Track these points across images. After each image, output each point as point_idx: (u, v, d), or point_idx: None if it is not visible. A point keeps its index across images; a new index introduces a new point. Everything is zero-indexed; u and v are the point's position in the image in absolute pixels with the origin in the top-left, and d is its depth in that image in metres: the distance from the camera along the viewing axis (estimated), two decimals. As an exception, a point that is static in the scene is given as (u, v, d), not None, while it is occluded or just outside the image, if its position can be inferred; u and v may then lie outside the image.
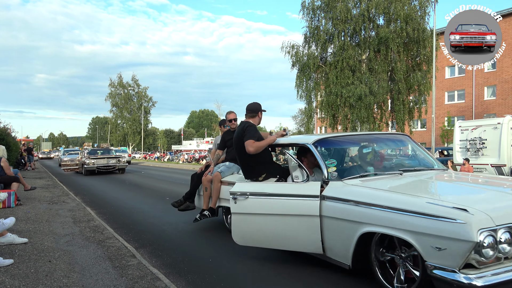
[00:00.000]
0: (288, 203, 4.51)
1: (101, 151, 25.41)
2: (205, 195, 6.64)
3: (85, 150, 25.75)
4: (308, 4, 26.97)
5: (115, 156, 24.92)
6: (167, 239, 6.66)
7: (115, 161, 23.87)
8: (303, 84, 27.54)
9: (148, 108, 69.20)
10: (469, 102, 38.89)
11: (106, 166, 23.28)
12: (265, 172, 5.29)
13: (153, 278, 4.38)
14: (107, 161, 23.38)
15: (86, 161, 22.54)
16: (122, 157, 24.93)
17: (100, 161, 23.09)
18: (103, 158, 23.49)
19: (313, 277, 4.50)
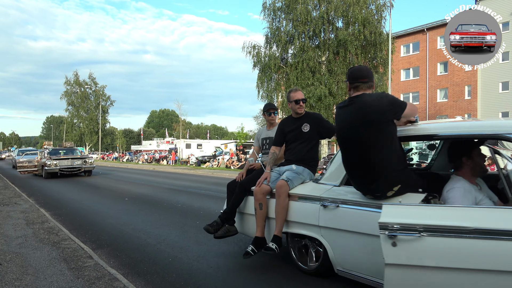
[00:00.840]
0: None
1: (63, 151, 22.98)
2: (260, 216, 4.50)
3: (45, 149, 22.95)
4: (269, 5, 27.26)
5: (80, 156, 22.60)
6: (125, 239, 6.54)
7: (81, 162, 21.45)
8: (264, 85, 27.80)
9: (106, 107, 67.53)
10: (423, 104, 40.49)
11: (71, 168, 20.97)
12: (400, 182, 3.33)
13: (111, 278, 4.30)
14: (71, 162, 21.12)
15: (47, 162, 20.13)
16: (88, 157, 22.45)
17: (63, 162, 20.79)
18: (67, 159, 21.16)
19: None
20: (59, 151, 22.88)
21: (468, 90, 37.01)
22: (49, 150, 22.64)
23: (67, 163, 20.89)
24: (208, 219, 7.99)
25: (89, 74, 68.54)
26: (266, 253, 4.34)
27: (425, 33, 40.14)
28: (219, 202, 10.70)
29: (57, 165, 20.34)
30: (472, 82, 36.53)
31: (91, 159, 22.26)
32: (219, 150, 41.44)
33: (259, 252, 4.39)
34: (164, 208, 9.74)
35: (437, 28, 39.40)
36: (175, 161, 41.06)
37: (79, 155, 23.08)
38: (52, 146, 27.22)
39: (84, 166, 21.34)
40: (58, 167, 20.32)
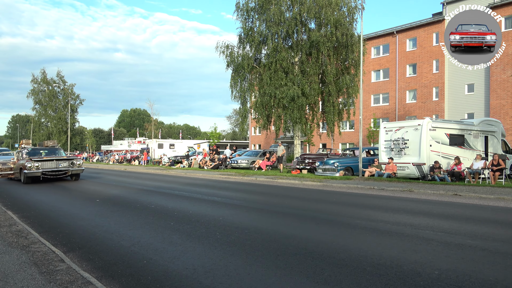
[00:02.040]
0: None
1: (45, 151, 19.86)
2: None
3: (22, 150, 19.78)
4: (243, 5, 27.22)
5: (67, 157, 19.20)
6: (98, 242, 6.41)
7: (67, 164, 18.30)
8: (238, 85, 27.74)
9: (75, 106, 65.91)
10: (392, 105, 41.39)
11: (55, 171, 17.87)
12: None
13: (84, 282, 4.22)
14: (55, 164, 18.02)
15: (27, 164, 17.05)
16: (76, 158, 19.12)
17: (46, 164, 17.74)
18: (51, 160, 18.01)
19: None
20: (39, 151, 19.83)
21: (436, 92, 38.07)
22: (27, 150, 19.63)
23: (51, 165, 17.87)
24: (182, 220, 7.95)
25: (57, 72, 66.75)
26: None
27: (395, 36, 41.04)
28: (193, 203, 10.65)
29: (39, 168, 17.41)
30: (440, 84, 37.60)
31: (79, 160, 19.05)
32: (192, 150, 41.09)
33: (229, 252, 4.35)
34: (137, 209, 9.60)
35: (406, 30, 40.36)
36: (147, 161, 40.48)
37: (65, 156, 19.99)
38: (31, 145, 22.91)
39: (72, 169, 18.33)
40: (40, 170, 17.38)
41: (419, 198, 11.61)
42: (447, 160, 17.49)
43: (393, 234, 6.47)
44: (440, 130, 17.55)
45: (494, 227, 7.26)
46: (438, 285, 4.03)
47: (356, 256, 5.13)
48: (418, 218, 7.95)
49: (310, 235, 6.55)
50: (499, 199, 11.03)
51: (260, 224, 7.68)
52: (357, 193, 13.31)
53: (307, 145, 43.38)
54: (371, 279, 4.25)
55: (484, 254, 5.17)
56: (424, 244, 5.74)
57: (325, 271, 4.57)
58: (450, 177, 16.35)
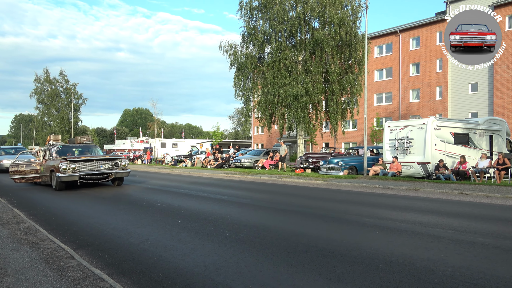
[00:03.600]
0: None
1: (79, 148, 16.23)
2: None
3: (51, 147, 15.81)
4: (246, 4, 27.20)
5: (110, 157, 15.38)
6: (106, 239, 6.39)
7: (110, 165, 14.54)
8: (241, 84, 27.72)
9: (77, 106, 65.91)
10: (395, 104, 41.30)
11: (96, 174, 14.12)
12: None
13: (96, 279, 4.20)
14: (96, 165, 14.24)
15: (62, 166, 13.41)
16: (121, 158, 15.19)
17: (85, 165, 14.06)
18: (90, 160, 14.24)
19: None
20: (72, 149, 16.17)
21: (439, 91, 37.96)
22: (57, 147, 15.70)
23: (90, 167, 14.13)
24: (190, 218, 7.93)
25: (60, 72, 66.77)
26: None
27: (398, 35, 40.95)
28: (199, 201, 10.63)
29: (76, 170, 13.77)
30: (443, 83, 37.50)
31: (124, 160, 15.10)
32: (195, 149, 41.07)
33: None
34: (144, 207, 9.58)
35: (409, 30, 40.26)
36: (150, 160, 40.49)
37: (106, 155, 16.27)
38: (61, 142, 17.94)
39: (115, 171, 14.44)
40: (77, 173, 13.71)
41: (426, 197, 11.57)
42: (452, 159, 17.43)
43: (403, 232, 6.43)
44: (445, 129, 17.49)
45: (504, 225, 7.22)
46: (453, 283, 3.99)
47: (368, 254, 5.10)
48: (426, 216, 7.91)
49: (320, 233, 6.52)
50: (506, 198, 10.98)
51: (268, 222, 7.65)
52: (363, 192, 13.27)
53: (310, 144, 43.36)
54: (384, 276, 4.22)
55: (497, 252, 5.14)
56: (435, 241, 5.71)
57: (337, 269, 4.54)
58: (455, 176, 16.29)
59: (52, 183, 14.15)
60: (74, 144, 16.91)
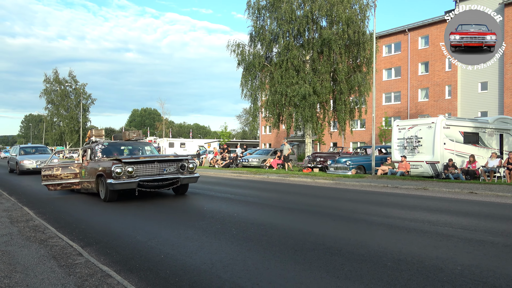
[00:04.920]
0: None
1: (128, 146, 12.95)
2: None
3: (95, 145, 12.30)
4: (254, 4, 27.20)
5: (174, 157, 11.38)
6: (114, 237, 6.42)
7: (176, 168, 10.87)
8: (249, 83, 27.71)
9: (86, 106, 66.45)
10: (404, 104, 41.03)
11: (160, 180, 10.47)
12: None
13: (103, 275, 4.21)
14: (159, 168, 10.60)
15: (115, 169, 9.85)
16: (187, 159, 11.24)
17: (145, 169, 10.40)
18: (151, 162, 10.56)
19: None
20: (120, 147, 12.83)
21: (449, 90, 37.65)
22: (102, 145, 12.34)
23: (151, 171, 10.48)
24: (197, 217, 7.94)
25: (69, 72, 67.32)
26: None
27: (407, 34, 40.67)
28: (207, 200, 10.64)
29: (134, 175, 10.12)
30: (452, 82, 37.18)
31: (192, 162, 11.31)
32: (203, 149, 41.14)
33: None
34: (151, 205, 9.61)
35: (418, 28, 39.98)
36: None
37: (170, 156, 11.87)
38: (103, 137, 14.82)
39: (182, 176, 10.75)
40: (136, 179, 10.08)
41: (435, 196, 11.47)
42: (462, 159, 17.26)
43: (411, 230, 6.38)
44: (454, 128, 17.33)
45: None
46: (462, 281, 3.95)
47: (376, 252, 5.06)
48: (435, 215, 7.83)
49: (327, 231, 6.49)
50: (517, 197, 10.85)
51: (276, 220, 7.63)
52: (371, 191, 13.19)
53: (318, 144, 43.23)
54: (392, 274, 4.19)
55: (508, 251, 5.07)
56: (444, 240, 5.65)
57: (345, 267, 4.51)
58: (465, 176, 16.13)
59: (100, 192, 10.64)
60: (122, 141, 13.34)
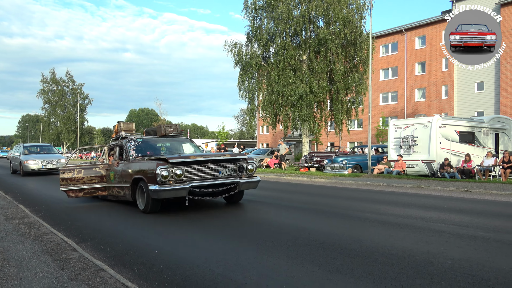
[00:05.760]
0: None
1: (166, 143, 10.65)
2: None
3: (125, 141, 9.95)
4: (251, 4, 27.24)
5: (231, 156, 8.90)
6: (110, 233, 6.45)
7: (233, 170, 8.60)
8: (246, 83, 27.74)
9: (84, 106, 66.34)
10: (401, 103, 41.15)
11: (215, 185, 8.26)
12: None
13: (97, 269, 4.25)
14: (214, 170, 8.26)
15: (161, 171, 7.51)
16: (244, 158, 8.97)
17: (199, 171, 8.07)
18: (204, 162, 8.17)
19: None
20: (156, 144, 10.38)
21: (445, 90, 37.77)
22: (135, 142, 9.91)
23: (204, 174, 8.16)
24: (191, 214, 7.97)
25: (66, 72, 67.16)
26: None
27: (403, 34, 40.79)
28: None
29: (183, 179, 7.82)
30: (449, 82, 37.30)
31: (252, 162, 9.04)
32: (201, 149, 41.23)
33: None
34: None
35: (415, 29, 40.09)
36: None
37: (226, 154, 9.37)
38: (134, 131, 11.78)
39: (241, 180, 8.52)
40: (187, 184, 7.80)
41: (429, 194, 11.53)
42: (457, 158, 17.34)
43: (404, 226, 6.43)
44: (450, 128, 17.41)
45: (507, 220, 7.19)
46: (451, 274, 4.00)
47: (368, 247, 5.11)
48: (429, 212, 7.89)
49: (321, 228, 6.54)
50: (511, 195, 10.92)
51: (270, 217, 7.67)
52: (367, 189, 13.25)
53: (315, 143, 43.31)
54: (383, 268, 4.23)
55: (498, 245, 5.13)
56: (436, 236, 5.70)
57: (336, 261, 4.55)
58: (460, 175, 16.21)
59: (138, 201, 8.37)
60: (159, 137, 10.73)
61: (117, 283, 3.83)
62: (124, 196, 9.02)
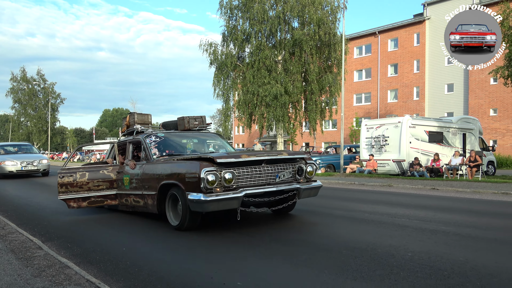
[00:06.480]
0: None
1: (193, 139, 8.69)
2: None
3: (144, 136, 7.72)
4: (226, 3, 27.24)
5: (288, 155, 6.54)
6: (77, 232, 6.39)
7: (291, 174, 6.61)
8: (221, 83, 27.72)
9: (55, 105, 64.75)
10: (374, 104, 41.94)
11: (274, 193, 6.34)
12: None
13: (61, 266, 4.22)
14: (270, 174, 6.30)
15: (206, 176, 5.57)
16: (303, 157, 6.96)
17: (252, 175, 6.10)
18: (257, 162, 6.17)
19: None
20: (181, 140, 8.40)
21: (417, 91, 38.71)
22: (156, 137, 7.74)
23: (259, 178, 6.21)
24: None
25: (37, 71, 65.45)
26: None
27: (377, 36, 41.58)
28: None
29: (233, 185, 5.88)
30: (420, 84, 38.25)
31: (311, 163, 6.96)
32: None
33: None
34: (118, 203, 9.53)
35: (388, 31, 40.93)
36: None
37: (283, 152, 6.68)
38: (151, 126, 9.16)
39: (301, 186, 6.56)
40: (239, 192, 5.80)
41: (398, 192, 11.83)
42: (427, 157, 17.82)
43: (370, 222, 6.61)
44: (419, 128, 17.87)
45: (468, 216, 7.47)
46: (411, 265, 4.15)
47: (335, 242, 5.24)
48: (395, 209, 8.12)
49: (291, 224, 6.64)
50: (475, 192, 11.32)
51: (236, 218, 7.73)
52: (338, 188, 13.48)
53: (290, 143, 43.61)
54: (346, 261, 4.36)
55: (457, 239, 5.34)
56: (399, 230, 5.89)
57: (303, 255, 4.66)
58: (429, 173, 16.67)
59: (168, 213, 6.47)
60: (183, 132, 8.52)
61: (81, 279, 3.81)
62: (145, 207, 6.97)
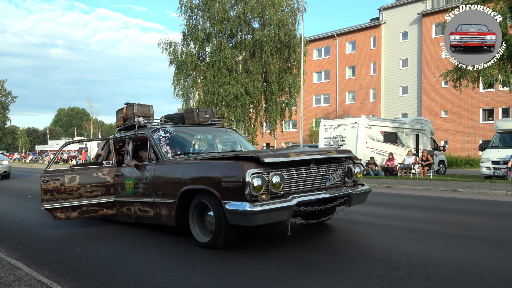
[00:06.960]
0: None
1: (208, 135, 7.12)
2: None
3: (150, 131, 6.16)
4: (186, 2, 27.05)
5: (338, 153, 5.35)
6: (28, 234, 6.17)
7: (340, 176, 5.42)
8: (181, 82, 27.51)
9: (6, 104, 61.88)
10: (333, 105, 42.88)
11: (326, 200, 5.00)
12: None
13: (11, 268, 4.08)
14: (320, 178, 5.04)
15: (253, 180, 4.27)
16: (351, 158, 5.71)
17: (302, 178, 4.80)
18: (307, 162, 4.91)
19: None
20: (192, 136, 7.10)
21: (373, 93, 39.93)
22: (166, 132, 6.14)
23: (309, 183, 4.94)
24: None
25: (-14, 67, 62.37)
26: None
27: (335, 39, 42.55)
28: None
29: (281, 191, 4.57)
30: (377, 86, 39.49)
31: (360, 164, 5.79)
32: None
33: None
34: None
35: (346, 34, 41.98)
36: (86, 161, 38.99)
37: (332, 150, 5.44)
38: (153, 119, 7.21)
39: (354, 192, 5.34)
40: (291, 200, 4.49)
41: (354, 190, 12.17)
42: (382, 156, 18.45)
43: (326, 219, 6.79)
44: (375, 128, 18.47)
45: (418, 211, 7.83)
46: (362, 258, 4.32)
47: (288, 237, 5.35)
48: (351, 206, 8.36)
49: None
50: (426, 190, 11.85)
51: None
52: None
53: (251, 143, 43.80)
54: (309, 257, 4.47)
55: (406, 232, 5.59)
56: (353, 226, 6.09)
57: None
58: (384, 172, 17.27)
59: (193, 227, 5.06)
60: (195, 127, 7.04)
61: (32, 280, 3.71)
62: (157, 218, 5.53)
